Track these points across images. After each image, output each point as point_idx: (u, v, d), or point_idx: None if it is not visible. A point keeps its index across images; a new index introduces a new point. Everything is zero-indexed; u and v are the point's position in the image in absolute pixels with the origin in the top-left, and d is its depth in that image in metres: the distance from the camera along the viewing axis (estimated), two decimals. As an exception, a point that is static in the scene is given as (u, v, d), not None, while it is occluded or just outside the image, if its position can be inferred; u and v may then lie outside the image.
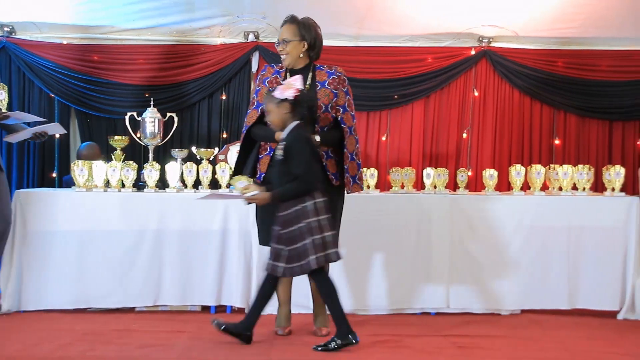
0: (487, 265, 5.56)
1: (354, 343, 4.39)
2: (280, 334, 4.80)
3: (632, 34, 7.03)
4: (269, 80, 4.77)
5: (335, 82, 4.74)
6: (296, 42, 4.69)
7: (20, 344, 4.44)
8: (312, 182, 4.38)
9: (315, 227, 4.33)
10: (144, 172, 5.66)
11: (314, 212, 4.34)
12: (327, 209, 4.40)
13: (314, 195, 4.37)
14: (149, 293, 5.45)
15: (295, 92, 4.39)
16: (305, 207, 4.34)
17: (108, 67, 7.06)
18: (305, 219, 4.33)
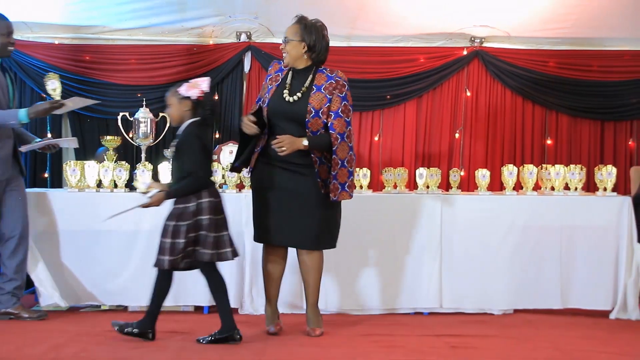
0: (479, 265, 5.57)
1: (237, 339, 4.50)
2: (272, 331, 4.80)
3: (624, 34, 7.05)
4: (270, 78, 4.82)
5: (331, 86, 4.70)
6: (296, 42, 4.70)
7: (13, 345, 4.43)
8: (203, 178, 4.47)
9: (205, 225, 4.41)
10: (137, 172, 5.65)
11: (197, 212, 4.41)
12: (217, 209, 4.48)
13: (201, 195, 4.42)
14: (141, 293, 5.41)
15: (199, 93, 4.47)
16: (188, 207, 4.41)
17: (100, 67, 7.04)
18: (187, 219, 4.40)
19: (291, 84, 4.72)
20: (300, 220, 4.68)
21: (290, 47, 4.70)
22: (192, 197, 4.41)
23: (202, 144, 4.46)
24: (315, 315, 4.84)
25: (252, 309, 5.48)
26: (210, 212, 4.42)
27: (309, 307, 4.85)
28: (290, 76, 4.75)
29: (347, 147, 4.65)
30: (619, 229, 5.58)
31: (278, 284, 4.90)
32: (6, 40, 5.14)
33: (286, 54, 4.72)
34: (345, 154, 4.64)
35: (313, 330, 4.78)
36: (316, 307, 4.84)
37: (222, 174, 5.68)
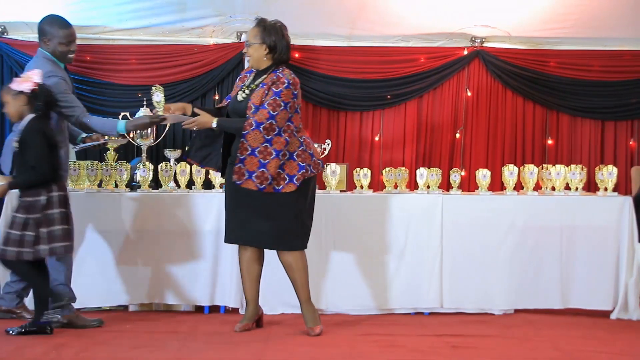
0: (480, 265, 5.57)
1: (48, 332, 4.61)
2: (236, 330, 4.83)
3: (624, 34, 7.04)
4: (239, 78, 4.98)
5: (271, 82, 4.73)
6: (257, 44, 4.77)
7: (13, 345, 4.42)
8: (46, 173, 4.55)
9: (43, 221, 4.52)
10: (137, 172, 5.64)
11: (46, 206, 4.53)
12: (63, 203, 4.62)
13: (51, 188, 4.55)
14: (142, 293, 5.44)
15: (32, 86, 4.56)
16: (39, 200, 4.52)
17: (100, 67, 7.04)
18: (35, 212, 4.51)
19: (248, 85, 4.84)
20: (255, 219, 4.73)
21: (253, 50, 4.78)
22: (42, 190, 4.53)
23: (44, 138, 4.56)
24: (311, 312, 4.83)
25: (252, 309, 5.48)
26: (60, 205, 4.58)
27: (302, 306, 4.84)
28: (253, 77, 4.86)
29: (261, 138, 4.62)
30: (620, 229, 5.57)
31: (255, 284, 4.91)
32: (66, 49, 5.06)
33: (249, 57, 4.84)
34: (257, 143, 4.61)
35: (312, 329, 4.77)
36: (309, 304, 4.83)
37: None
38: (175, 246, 5.45)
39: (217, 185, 5.64)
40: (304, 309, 4.84)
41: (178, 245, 5.45)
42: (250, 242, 4.81)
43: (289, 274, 4.82)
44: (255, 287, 4.91)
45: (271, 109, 4.65)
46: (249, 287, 4.91)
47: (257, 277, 4.91)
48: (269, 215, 4.71)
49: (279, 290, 5.37)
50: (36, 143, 4.52)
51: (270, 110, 4.65)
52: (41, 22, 5.10)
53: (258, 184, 4.62)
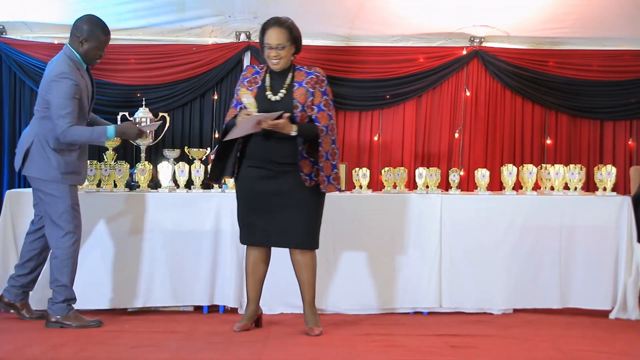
0: (479, 265, 5.57)
1: None
2: (235, 329, 4.83)
3: (623, 34, 7.04)
4: (247, 80, 4.82)
5: (312, 81, 4.75)
6: (289, 46, 4.75)
7: (12, 345, 4.43)
8: None
9: None
10: (136, 172, 5.64)
11: None
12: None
13: None
14: (141, 293, 5.44)
15: None
16: None
17: (100, 66, 6.95)
18: None
19: (271, 85, 4.78)
20: (287, 219, 4.72)
21: (286, 52, 4.75)
22: None
23: None
24: (313, 314, 4.84)
25: (251, 309, 5.48)
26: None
27: (305, 306, 4.85)
28: (269, 78, 4.81)
29: (330, 140, 4.71)
30: (619, 229, 5.57)
31: (260, 285, 4.93)
32: (98, 53, 5.08)
33: (280, 59, 4.75)
34: (328, 146, 4.70)
35: (312, 329, 4.77)
36: (313, 306, 4.85)
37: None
38: (175, 246, 5.44)
39: (216, 185, 5.64)
40: (307, 309, 4.84)
41: (177, 245, 5.45)
42: (277, 242, 4.79)
43: (303, 274, 4.81)
44: (259, 287, 4.92)
45: (327, 110, 4.74)
46: (252, 286, 4.90)
47: (262, 278, 4.91)
48: (307, 214, 4.75)
49: (278, 290, 5.37)
50: None
51: (327, 111, 4.74)
52: (81, 19, 5.12)
53: (336, 185, 4.78)
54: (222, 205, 5.46)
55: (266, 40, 4.77)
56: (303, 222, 4.73)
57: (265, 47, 4.77)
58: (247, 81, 4.82)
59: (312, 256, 4.81)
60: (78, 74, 4.91)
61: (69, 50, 4.99)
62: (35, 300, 5.31)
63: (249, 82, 4.82)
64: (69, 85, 4.81)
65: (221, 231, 5.46)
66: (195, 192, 5.58)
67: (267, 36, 4.76)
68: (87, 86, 5.01)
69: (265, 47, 4.78)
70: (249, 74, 4.88)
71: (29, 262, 5.13)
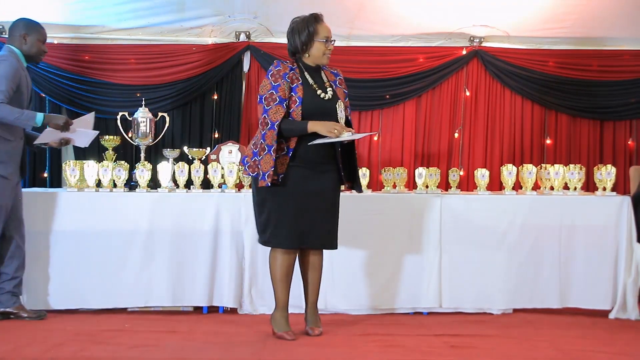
0: (479, 265, 5.57)
1: None
2: (293, 337, 4.68)
3: (623, 34, 7.06)
4: (288, 76, 4.62)
5: (342, 83, 4.82)
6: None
7: (12, 345, 4.43)
8: None
9: None
10: (136, 172, 5.65)
11: None
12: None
13: None
14: (140, 293, 5.44)
15: None
16: None
17: (99, 66, 7.04)
18: None
19: (315, 82, 4.69)
20: (325, 220, 4.71)
21: (332, 46, 4.73)
22: None
23: None
24: (315, 314, 4.84)
25: (251, 309, 5.48)
26: None
27: (309, 307, 4.84)
28: (308, 74, 4.69)
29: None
30: (619, 229, 5.57)
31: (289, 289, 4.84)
32: (42, 47, 5.26)
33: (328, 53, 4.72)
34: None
35: (312, 329, 4.77)
36: (316, 307, 4.84)
37: (222, 174, 5.67)
38: (174, 246, 5.44)
39: (216, 185, 5.64)
40: (310, 310, 4.83)
41: (177, 245, 5.44)
42: (314, 244, 4.74)
43: (313, 274, 4.80)
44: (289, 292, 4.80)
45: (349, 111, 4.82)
46: (286, 291, 4.75)
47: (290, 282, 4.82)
48: (336, 214, 4.78)
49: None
50: None
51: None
52: (16, 21, 5.31)
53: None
54: (221, 206, 5.46)
55: (322, 33, 4.64)
56: (333, 222, 4.76)
57: (319, 41, 4.64)
58: (287, 77, 4.61)
59: (322, 257, 4.83)
60: (20, 65, 5.08)
61: (9, 48, 5.15)
62: (36, 300, 5.33)
63: (291, 78, 4.62)
64: (8, 65, 4.97)
65: (221, 231, 5.46)
66: (194, 192, 5.58)
67: (322, 29, 4.66)
68: (26, 79, 5.15)
69: (317, 41, 4.63)
70: (285, 70, 4.64)
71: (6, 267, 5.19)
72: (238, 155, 6.08)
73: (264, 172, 4.47)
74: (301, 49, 4.66)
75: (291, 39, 4.70)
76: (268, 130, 4.49)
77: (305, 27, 4.64)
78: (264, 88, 4.60)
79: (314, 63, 4.70)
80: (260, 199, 4.67)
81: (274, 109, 4.53)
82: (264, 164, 4.48)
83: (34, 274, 5.36)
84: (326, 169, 4.70)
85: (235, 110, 7.16)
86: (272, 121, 4.50)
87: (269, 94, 4.56)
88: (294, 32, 4.68)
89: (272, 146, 4.47)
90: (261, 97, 4.59)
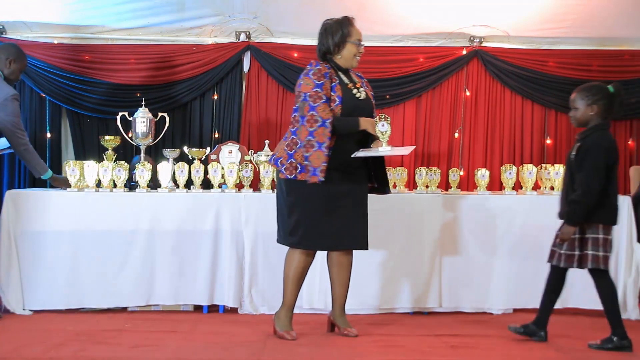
0: (479, 265, 5.57)
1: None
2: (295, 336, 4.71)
3: (623, 34, 7.05)
4: (329, 75, 4.64)
5: (368, 85, 4.88)
6: None
7: (11, 345, 4.43)
8: None
9: None
10: (136, 172, 5.64)
11: None
12: None
13: None
14: (141, 293, 5.45)
15: None
16: None
17: (99, 66, 7.03)
18: None
19: (351, 82, 4.74)
20: (357, 220, 4.73)
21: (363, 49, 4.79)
22: None
23: None
24: (344, 315, 4.88)
25: (251, 309, 5.48)
26: None
27: (339, 307, 4.86)
28: (342, 75, 4.74)
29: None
30: (619, 229, 5.56)
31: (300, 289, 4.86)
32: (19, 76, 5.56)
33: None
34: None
35: (350, 330, 4.80)
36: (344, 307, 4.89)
37: (222, 174, 5.67)
38: (174, 246, 5.45)
39: (216, 185, 5.65)
40: (341, 310, 4.86)
41: (177, 245, 5.45)
42: (349, 245, 4.77)
43: (344, 274, 4.83)
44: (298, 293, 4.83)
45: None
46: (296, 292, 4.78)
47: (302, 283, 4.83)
48: (365, 214, 4.80)
49: (278, 290, 5.36)
50: None
51: None
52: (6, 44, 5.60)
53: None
54: (221, 206, 5.47)
55: (355, 35, 4.72)
56: (363, 222, 4.77)
57: (352, 43, 4.69)
58: (328, 75, 4.64)
59: (352, 257, 4.85)
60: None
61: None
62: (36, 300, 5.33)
63: (330, 76, 4.64)
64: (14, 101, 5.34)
65: (221, 231, 5.47)
66: (195, 192, 5.58)
67: (355, 31, 4.73)
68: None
69: (350, 42, 4.69)
70: (325, 70, 4.66)
71: None
72: (238, 155, 6.08)
73: (315, 168, 4.47)
74: (333, 50, 4.69)
75: (323, 39, 4.73)
76: (319, 127, 4.50)
77: (339, 28, 4.70)
78: (306, 86, 4.58)
79: (344, 65, 4.72)
80: (292, 199, 4.64)
81: (322, 106, 4.55)
82: (314, 160, 4.48)
83: (34, 274, 5.37)
84: (355, 170, 4.72)
85: (235, 110, 7.15)
86: (322, 118, 4.51)
87: (314, 92, 4.56)
88: (327, 33, 4.72)
89: (324, 143, 4.49)
90: (305, 95, 4.57)
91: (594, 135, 4.54)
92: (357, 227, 4.73)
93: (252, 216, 5.46)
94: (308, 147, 4.49)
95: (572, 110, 4.64)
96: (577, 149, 4.56)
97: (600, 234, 4.52)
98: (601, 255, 4.52)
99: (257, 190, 5.67)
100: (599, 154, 4.47)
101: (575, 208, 4.48)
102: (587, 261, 4.54)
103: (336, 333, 4.84)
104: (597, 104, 4.58)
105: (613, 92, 4.61)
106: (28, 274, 5.37)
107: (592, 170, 4.45)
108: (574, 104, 4.64)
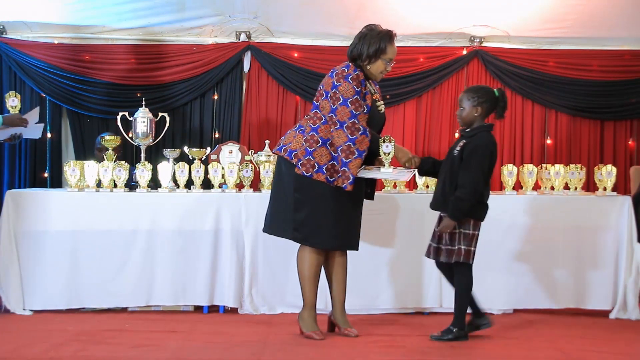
0: (479, 265, 5.51)
1: None
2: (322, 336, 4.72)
3: (623, 34, 7.05)
4: (364, 83, 4.67)
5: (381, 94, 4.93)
6: None
7: (12, 345, 4.43)
8: None
9: None
10: (136, 172, 5.64)
11: None
12: None
13: None
14: (141, 293, 5.44)
15: None
16: None
17: (99, 66, 7.04)
18: None
19: (375, 93, 4.81)
20: (357, 222, 4.83)
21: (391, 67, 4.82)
22: None
23: None
24: (344, 314, 4.88)
25: (251, 309, 5.47)
26: None
27: (339, 307, 4.86)
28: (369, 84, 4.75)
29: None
30: (619, 229, 5.57)
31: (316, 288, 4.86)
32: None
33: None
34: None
35: (349, 330, 4.79)
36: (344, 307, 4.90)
37: (222, 174, 5.67)
38: (175, 246, 5.44)
39: (216, 185, 5.64)
40: (341, 310, 4.85)
41: (177, 245, 5.44)
42: (354, 245, 4.83)
43: (341, 273, 4.87)
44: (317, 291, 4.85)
45: None
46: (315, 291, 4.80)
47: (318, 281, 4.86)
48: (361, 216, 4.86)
49: (279, 290, 5.39)
50: None
51: None
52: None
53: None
54: (222, 206, 5.46)
55: (390, 53, 4.69)
56: (360, 223, 4.85)
57: (384, 60, 4.68)
58: (364, 83, 4.66)
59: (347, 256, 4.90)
60: None
61: None
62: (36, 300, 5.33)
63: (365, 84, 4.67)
64: None
65: (221, 231, 5.46)
66: (195, 192, 5.58)
67: (392, 50, 4.71)
68: None
69: (382, 59, 4.67)
70: (362, 76, 4.67)
71: None
72: (238, 155, 6.08)
73: (353, 175, 4.53)
74: (364, 60, 4.68)
75: (359, 44, 4.71)
76: (360, 135, 4.54)
77: (377, 41, 4.67)
78: (347, 92, 4.57)
79: (369, 75, 4.73)
80: (300, 196, 4.64)
81: (363, 116, 4.61)
82: (354, 168, 4.54)
83: (34, 274, 5.37)
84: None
85: (235, 110, 7.16)
86: (363, 127, 4.57)
87: (355, 99, 4.58)
88: (365, 41, 4.69)
89: (364, 151, 4.55)
90: (346, 101, 4.56)
91: (481, 136, 4.65)
92: (357, 227, 4.81)
93: (252, 216, 5.46)
94: (348, 154, 4.53)
95: (459, 109, 4.73)
96: (462, 147, 4.63)
97: (470, 229, 4.63)
98: (472, 250, 4.64)
99: (257, 190, 5.66)
100: (485, 155, 4.61)
101: (461, 205, 4.56)
102: (459, 255, 4.62)
103: (336, 333, 4.84)
104: (481, 106, 4.67)
105: (497, 96, 4.70)
106: (28, 274, 5.37)
107: (479, 171, 4.57)
108: (460, 103, 4.74)
